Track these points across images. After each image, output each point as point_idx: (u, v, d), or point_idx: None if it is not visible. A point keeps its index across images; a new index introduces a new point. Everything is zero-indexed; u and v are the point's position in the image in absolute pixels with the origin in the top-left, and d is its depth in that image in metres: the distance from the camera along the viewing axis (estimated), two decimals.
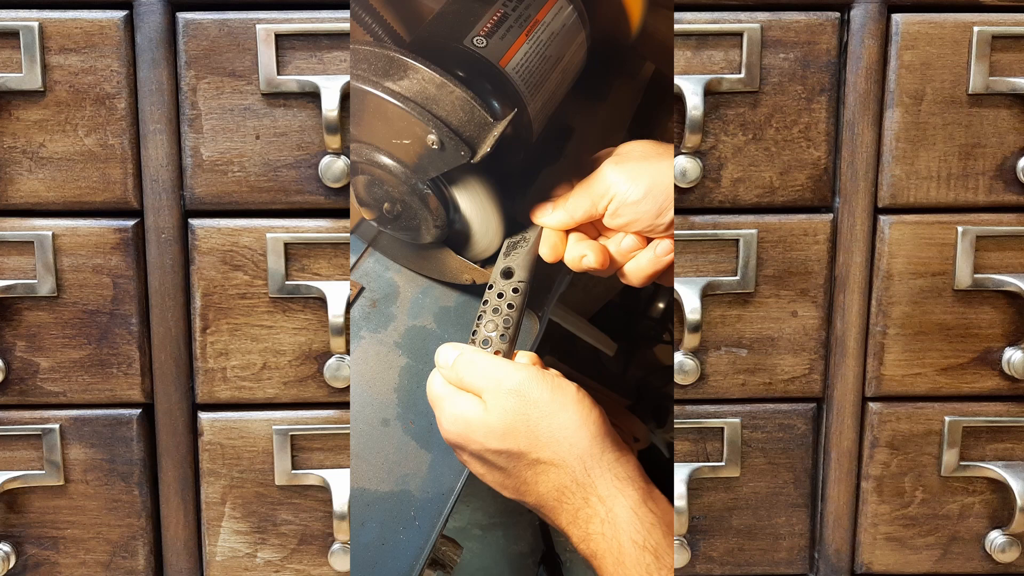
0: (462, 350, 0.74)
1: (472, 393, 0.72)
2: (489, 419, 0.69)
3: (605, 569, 0.66)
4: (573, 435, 0.68)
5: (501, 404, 0.69)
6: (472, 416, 0.70)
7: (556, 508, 0.69)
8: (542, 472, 0.69)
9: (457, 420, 0.71)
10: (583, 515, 0.67)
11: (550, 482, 0.69)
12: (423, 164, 0.76)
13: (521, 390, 0.69)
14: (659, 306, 1.24)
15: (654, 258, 0.79)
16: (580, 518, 0.67)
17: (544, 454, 0.68)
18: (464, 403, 0.71)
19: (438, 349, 0.75)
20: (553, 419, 0.68)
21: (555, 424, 0.68)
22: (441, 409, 0.73)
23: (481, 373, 0.71)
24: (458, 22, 0.82)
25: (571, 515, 0.68)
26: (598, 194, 0.78)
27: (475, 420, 0.70)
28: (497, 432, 0.69)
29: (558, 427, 0.68)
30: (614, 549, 0.65)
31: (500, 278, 0.80)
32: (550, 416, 0.69)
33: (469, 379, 0.72)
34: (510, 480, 0.71)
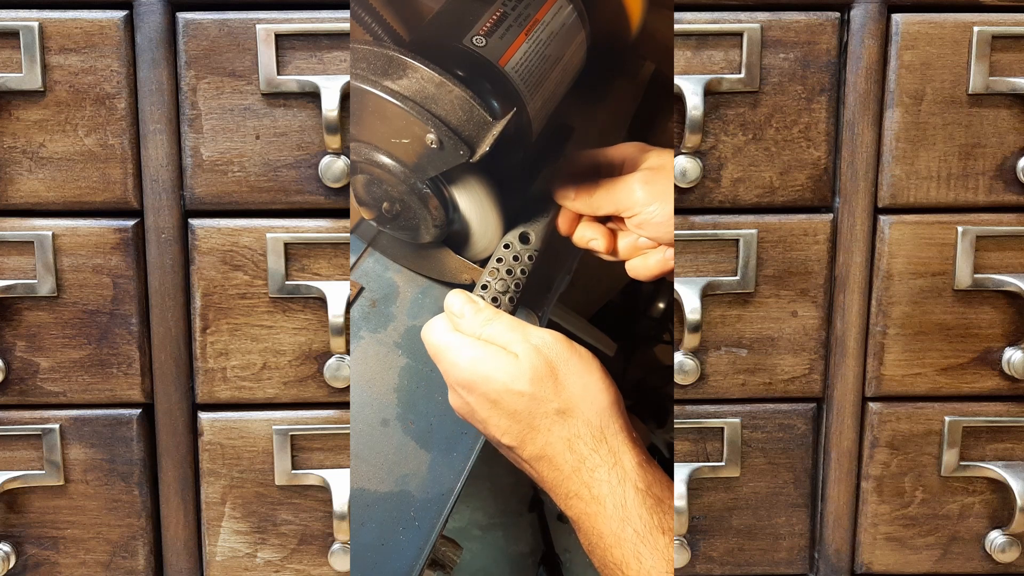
0: (479, 303, 0.76)
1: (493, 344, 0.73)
2: (520, 365, 0.71)
3: (604, 513, 0.68)
4: (596, 395, 0.71)
5: (532, 355, 0.71)
6: (499, 361, 0.71)
7: (559, 457, 0.71)
8: (558, 421, 0.71)
9: (477, 361, 0.72)
10: (590, 462, 0.70)
11: (563, 431, 0.71)
12: (422, 163, 0.76)
13: (551, 346, 0.72)
14: (659, 306, 1.24)
15: (663, 260, 0.82)
16: (587, 465, 0.70)
17: (566, 405, 0.71)
18: (488, 349, 0.72)
19: (448, 295, 0.76)
20: (579, 378, 0.71)
21: (581, 382, 0.71)
22: (454, 351, 0.73)
23: (509, 327, 0.74)
24: (457, 21, 0.82)
25: (577, 462, 0.70)
26: (624, 205, 0.81)
27: (502, 364, 0.71)
28: (526, 376, 0.71)
29: (583, 385, 0.71)
30: (618, 493, 0.68)
31: (518, 241, 0.81)
32: (576, 375, 0.71)
33: (492, 331, 0.74)
34: (517, 425, 0.72)
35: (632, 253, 0.84)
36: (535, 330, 0.74)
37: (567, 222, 0.85)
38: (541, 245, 0.82)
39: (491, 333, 0.74)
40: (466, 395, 0.73)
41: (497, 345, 0.73)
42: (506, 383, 0.71)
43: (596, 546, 0.70)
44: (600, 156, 0.85)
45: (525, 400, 0.71)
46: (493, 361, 0.72)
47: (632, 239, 0.83)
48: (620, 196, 0.81)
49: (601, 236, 0.83)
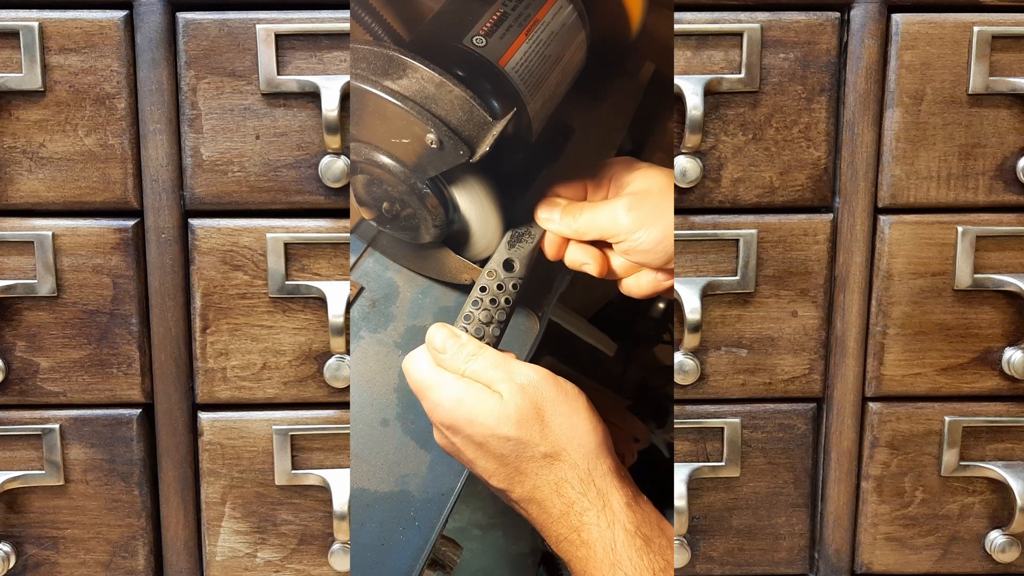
0: (462, 338, 0.74)
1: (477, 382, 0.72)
2: (505, 407, 0.69)
3: (594, 557, 0.68)
4: (583, 436, 0.70)
5: (516, 395, 0.70)
6: (483, 402, 0.70)
7: (548, 500, 0.70)
8: (545, 465, 0.70)
9: (461, 402, 0.70)
10: (579, 507, 0.69)
11: (550, 475, 0.70)
12: (422, 163, 0.76)
13: (537, 387, 0.71)
14: (659, 306, 1.24)
15: (654, 281, 0.80)
16: (575, 510, 0.69)
17: (553, 448, 0.69)
18: (472, 389, 0.71)
19: (430, 328, 0.74)
20: (566, 419, 0.70)
21: (568, 423, 0.70)
22: (437, 390, 0.71)
23: (492, 364, 0.72)
24: (458, 21, 0.82)
25: (565, 507, 0.69)
26: (608, 232, 0.78)
27: (487, 406, 0.70)
28: (512, 420, 0.69)
29: (570, 426, 0.70)
30: (607, 537, 0.67)
31: (502, 269, 0.80)
32: (562, 416, 0.70)
33: (475, 368, 0.72)
34: (505, 469, 0.71)
35: (627, 272, 0.81)
36: (520, 367, 0.72)
37: (554, 246, 0.81)
38: (526, 272, 0.80)
39: (475, 370, 0.72)
40: (451, 436, 0.72)
41: (481, 383, 0.71)
42: (491, 427, 0.69)
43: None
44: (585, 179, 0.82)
45: (511, 444, 0.69)
46: (477, 403, 0.70)
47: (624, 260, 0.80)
48: (604, 223, 0.77)
49: (593, 260, 0.80)
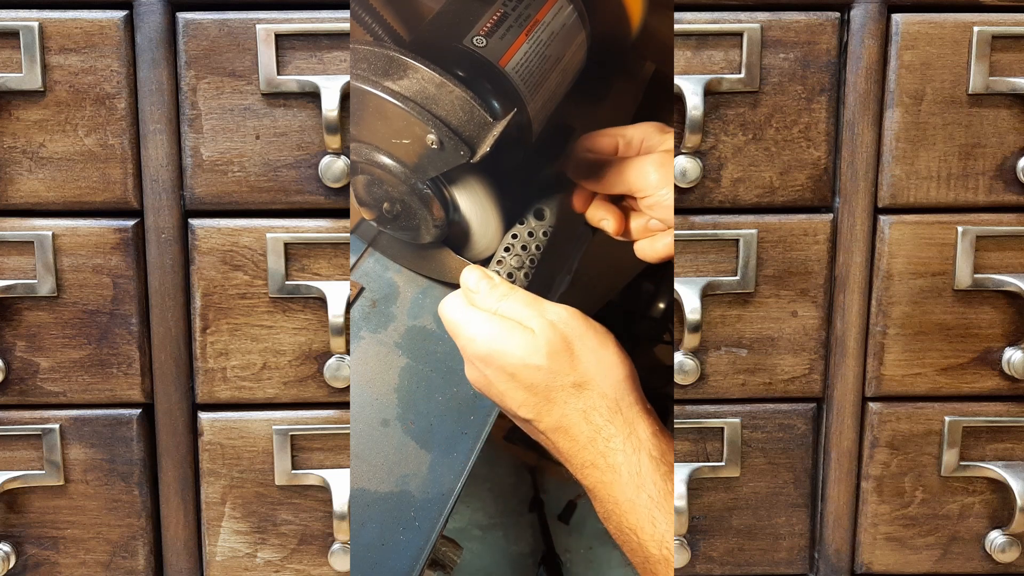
0: (495, 279, 0.76)
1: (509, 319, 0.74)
2: (536, 340, 0.72)
3: (620, 481, 0.70)
4: (610, 368, 0.72)
5: (548, 330, 0.72)
6: (516, 335, 0.72)
7: (575, 427, 0.72)
8: (574, 394, 0.72)
9: (495, 336, 0.73)
10: (606, 432, 0.71)
11: (579, 403, 0.72)
12: (423, 164, 0.76)
13: (567, 321, 0.73)
14: (659, 306, 1.24)
15: (670, 244, 0.83)
16: (603, 435, 0.71)
17: (582, 378, 0.72)
18: (505, 324, 0.73)
19: (464, 270, 0.77)
20: (595, 352, 0.72)
21: (597, 356, 0.72)
22: (471, 325, 0.74)
23: (524, 303, 0.74)
24: (458, 22, 0.82)
25: (592, 432, 0.71)
26: (637, 186, 0.81)
27: (519, 339, 0.72)
28: (542, 351, 0.71)
29: (599, 359, 0.72)
30: (633, 461, 0.70)
31: (533, 217, 0.82)
32: (593, 349, 0.72)
33: (508, 306, 0.74)
34: (534, 398, 0.73)
35: (642, 234, 0.85)
36: (551, 305, 0.74)
37: (581, 200, 0.86)
38: (556, 221, 0.83)
39: (507, 308, 0.74)
40: (484, 368, 0.74)
41: (513, 320, 0.74)
42: (523, 357, 0.72)
43: (612, 512, 0.71)
44: (618, 134, 0.86)
45: (542, 374, 0.72)
46: (510, 336, 0.72)
47: (643, 221, 0.84)
48: (633, 177, 0.81)
49: (612, 217, 0.84)
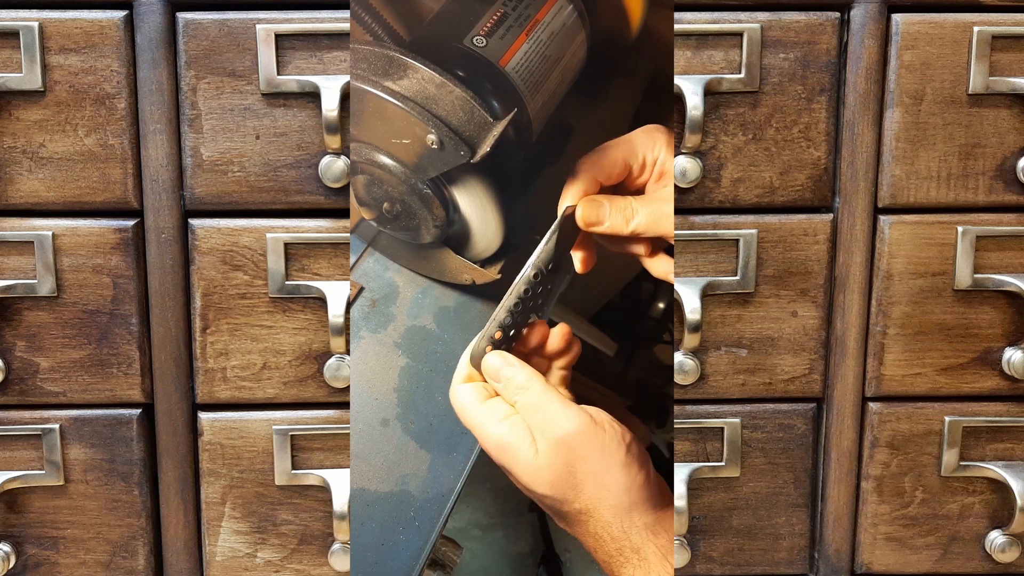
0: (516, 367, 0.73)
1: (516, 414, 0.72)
2: (538, 463, 0.70)
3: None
4: (615, 497, 0.70)
5: (550, 453, 0.70)
6: (520, 455, 0.70)
7: (591, 545, 0.72)
8: (581, 520, 0.71)
9: (502, 450, 0.71)
10: (617, 561, 0.70)
11: (588, 527, 0.71)
12: (423, 164, 0.76)
13: (572, 442, 0.70)
14: (659, 306, 1.24)
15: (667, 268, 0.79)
16: (615, 563, 0.70)
17: (585, 506, 0.70)
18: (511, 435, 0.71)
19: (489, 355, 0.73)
20: (598, 478, 0.70)
21: (599, 484, 0.70)
22: (480, 430, 0.72)
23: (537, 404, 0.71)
24: (458, 22, 0.82)
25: (605, 557, 0.71)
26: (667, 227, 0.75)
27: (523, 461, 0.70)
28: (545, 479, 0.70)
29: (602, 487, 0.70)
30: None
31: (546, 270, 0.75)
32: (595, 475, 0.70)
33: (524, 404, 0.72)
34: (551, 511, 0.73)
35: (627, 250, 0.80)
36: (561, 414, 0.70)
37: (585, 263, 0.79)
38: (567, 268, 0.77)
39: (523, 405, 0.72)
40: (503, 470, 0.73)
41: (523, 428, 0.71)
42: (528, 483, 0.71)
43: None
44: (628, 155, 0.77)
45: (548, 500, 0.71)
46: (515, 455, 0.70)
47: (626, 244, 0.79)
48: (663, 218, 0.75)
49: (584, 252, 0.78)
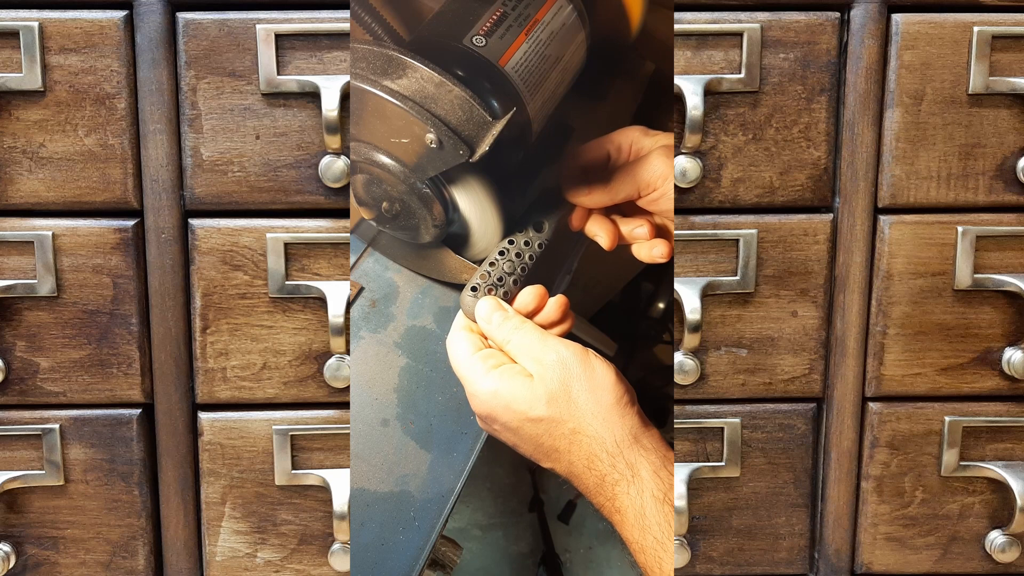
0: (507, 311, 0.78)
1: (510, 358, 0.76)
2: (536, 389, 0.73)
3: (627, 523, 0.71)
4: (608, 412, 0.73)
5: (546, 376, 0.74)
6: (516, 388, 0.74)
7: (582, 475, 0.74)
8: (574, 442, 0.73)
9: (496, 394, 0.74)
10: (610, 478, 0.72)
11: (580, 450, 0.73)
12: (422, 163, 0.76)
13: (567, 363, 0.74)
14: (659, 306, 1.24)
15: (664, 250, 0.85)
16: (607, 482, 0.72)
17: (580, 424, 0.73)
18: (505, 378, 0.74)
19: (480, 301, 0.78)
20: (592, 395, 0.73)
21: (594, 400, 0.73)
22: (474, 382, 0.76)
23: (529, 341, 0.76)
24: (457, 21, 0.82)
25: (597, 480, 0.73)
26: (645, 182, 0.83)
27: (519, 392, 0.74)
28: (542, 400, 0.73)
29: (596, 403, 0.73)
30: (637, 505, 0.71)
31: (532, 228, 0.84)
32: (590, 392, 0.73)
33: (516, 343, 0.76)
34: (541, 450, 0.75)
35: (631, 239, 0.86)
36: (554, 345, 0.75)
37: (579, 217, 0.87)
38: (551, 237, 0.84)
39: (517, 343, 0.76)
40: (490, 423, 0.76)
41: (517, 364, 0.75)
42: (524, 412, 0.73)
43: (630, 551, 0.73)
44: (606, 143, 0.87)
45: (544, 425, 0.73)
46: (510, 391, 0.74)
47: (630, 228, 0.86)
48: (642, 175, 0.82)
49: (605, 232, 0.86)
